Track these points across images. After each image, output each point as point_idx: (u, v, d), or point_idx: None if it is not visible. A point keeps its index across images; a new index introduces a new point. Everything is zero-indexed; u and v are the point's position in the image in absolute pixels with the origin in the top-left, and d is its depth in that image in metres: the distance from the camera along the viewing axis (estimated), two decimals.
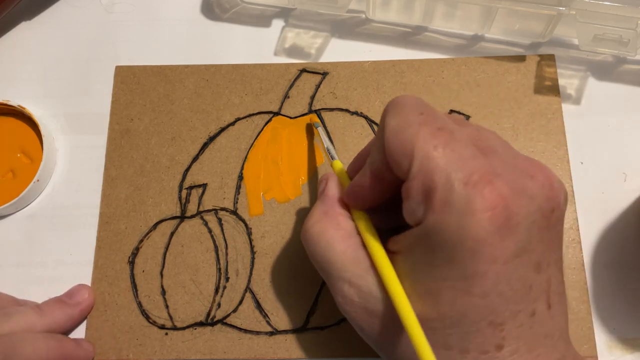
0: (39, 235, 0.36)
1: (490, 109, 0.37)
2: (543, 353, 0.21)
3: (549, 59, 0.38)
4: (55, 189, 0.37)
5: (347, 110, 0.37)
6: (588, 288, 0.33)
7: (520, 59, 0.38)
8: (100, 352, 0.33)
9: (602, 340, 0.32)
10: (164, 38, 0.40)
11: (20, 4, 0.40)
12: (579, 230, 0.34)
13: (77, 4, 0.42)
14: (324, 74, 0.38)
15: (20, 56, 0.40)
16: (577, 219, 0.34)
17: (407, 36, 0.40)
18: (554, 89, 0.37)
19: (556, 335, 0.22)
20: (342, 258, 0.24)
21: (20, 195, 0.35)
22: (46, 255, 0.35)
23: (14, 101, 0.37)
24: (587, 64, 0.38)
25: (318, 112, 0.37)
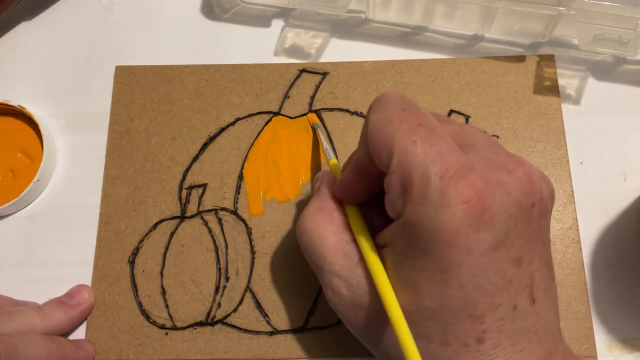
0: (39, 235, 0.36)
1: (490, 109, 0.37)
2: (527, 348, 0.21)
3: (549, 59, 0.38)
4: (55, 189, 0.37)
5: (347, 110, 0.37)
6: (588, 288, 0.33)
7: (520, 59, 0.38)
8: (101, 352, 0.33)
9: (602, 340, 0.32)
10: (164, 38, 0.40)
11: (20, 4, 0.40)
12: (578, 230, 0.34)
13: (77, 4, 0.42)
14: (324, 74, 0.38)
15: (20, 56, 0.40)
16: (577, 219, 0.34)
17: (407, 36, 0.40)
18: (554, 89, 0.37)
19: (542, 331, 0.22)
20: (333, 252, 0.25)
21: (20, 195, 0.35)
22: (46, 255, 0.35)
23: (14, 101, 0.37)
24: (587, 64, 0.38)
25: (318, 112, 0.37)
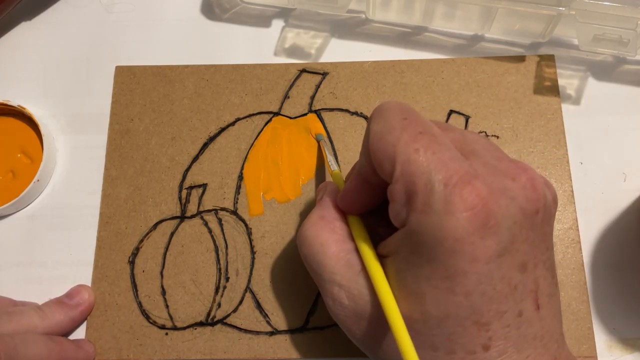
0: (39, 235, 0.36)
1: (490, 109, 0.37)
2: (533, 354, 0.21)
3: (549, 59, 0.38)
4: (55, 189, 0.37)
5: (347, 111, 0.37)
6: (588, 288, 0.33)
7: (520, 59, 0.38)
8: (101, 352, 0.33)
9: (602, 340, 0.32)
10: (164, 38, 0.40)
11: (20, 4, 0.40)
12: (578, 230, 0.34)
13: (77, 4, 0.42)
14: (324, 74, 0.38)
15: (20, 56, 0.40)
16: (577, 219, 0.34)
17: (407, 36, 0.40)
18: (554, 89, 0.37)
19: (547, 337, 0.22)
20: (335, 261, 0.25)
21: (20, 195, 0.35)
22: (46, 255, 0.35)
23: (14, 101, 0.37)
24: (587, 64, 0.38)
25: (318, 112, 0.37)
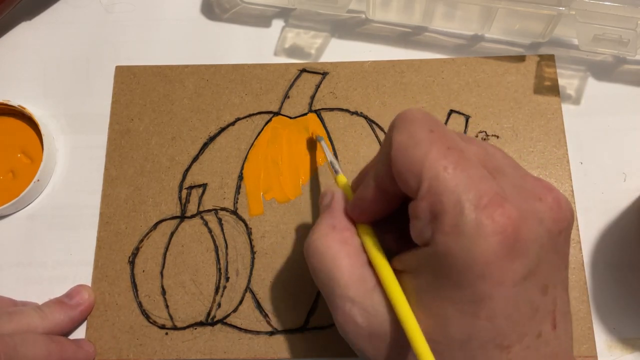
0: (39, 235, 0.36)
1: (490, 109, 0.37)
2: None
3: (549, 59, 0.38)
4: (55, 189, 0.37)
5: (347, 110, 0.37)
6: (588, 288, 0.33)
7: (520, 59, 0.38)
8: (101, 352, 0.33)
9: (602, 340, 0.32)
10: (164, 38, 0.40)
11: (20, 4, 0.40)
12: (578, 230, 0.34)
13: (77, 4, 0.42)
14: (324, 74, 0.38)
15: (21, 56, 0.40)
16: (577, 218, 0.34)
17: (407, 36, 0.40)
18: (554, 89, 0.37)
19: (561, 354, 0.21)
20: (347, 276, 0.23)
21: (20, 195, 0.35)
22: (46, 255, 0.35)
23: (14, 101, 0.37)
24: (587, 64, 0.38)
25: (318, 112, 0.37)
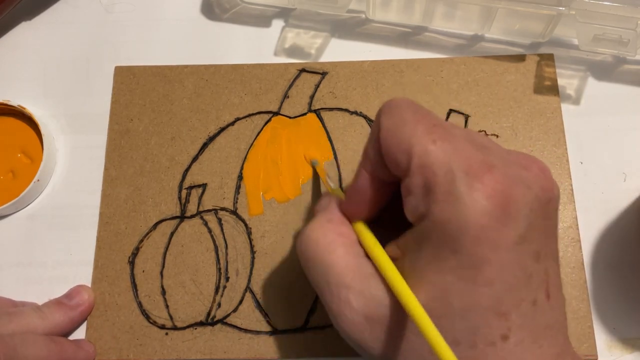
0: (39, 235, 0.36)
1: (489, 108, 0.37)
2: (545, 344, 0.21)
3: (549, 59, 0.38)
4: (55, 189, 0.37)
5: (347, 110, 0.37)
6: (588, 287, 0.33)
7: (520, 58, 0.38)
8: (101, 352, 0.33)
9: (602, 340, 0.32)
10: (164, 38, 0.40)
11: (20, 4, 0.40)
12: (578, 229, 0.34)
13: (77, 4, 0.42)
14: (323, 74, 0.38)
15: (20, 56, 0.40)
16: (577, 218, 0.34)
17: (407, 36, 0.40)
18: (554, 89, 0.37)
19: (556, 327, 0.22)
20: (344, 263, 0.24)
21: (20, 195, 0.35)
22: (46, 255, 0.35)
23: (14, 101, 0.37)
24: (587, 64, 0.38)
25: (317, 112, 0.37)
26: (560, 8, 0.34)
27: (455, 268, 0.21)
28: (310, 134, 0.37)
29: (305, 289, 0.33)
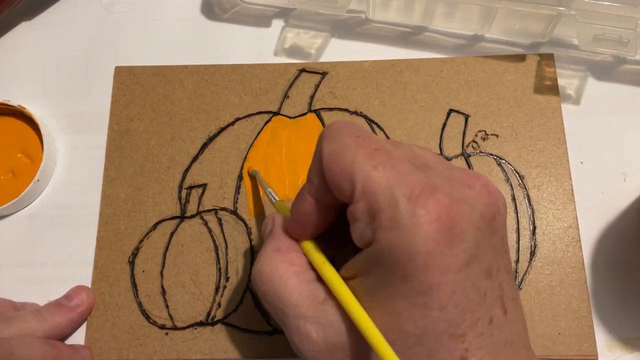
0: (39, 235, 0.36)
1: (489, 108, 0.37)
2: None
3: (549, 59, 0.38)
4: (55, 189, 0.37)
5: (347, 110, 0.37)
6: (588, 287, 0.33)
7: (520, 58, 0.38)
8: (101, 352, 0.33)
9: (602, 339, 0.32)
10: (164, 38, 0.40)
11: (20, 4, 0.40)
12: (578, 229, 0.34)
13: (77, 4, 0.42)
14: (323, 74, 0.38)
15: (20, 56, 0.40)
16: (577, 218, 0.34)
17: (407, 36, 0.40)
18: (554, 89, 0.37)
19: (516, 342, 0.22)
20: (297, 293, 0.23)
21: (20, 195, 0.35)
22: (46, 255, 0.35)
23: (14, 101, 0.37)
24: (587, 64, 0.38)
25: (317, 112, 0.37)
26: (560, 8, 0.34)
27: (406, 295, 0.20)
28: (310, 134, 0.37)
29: None
